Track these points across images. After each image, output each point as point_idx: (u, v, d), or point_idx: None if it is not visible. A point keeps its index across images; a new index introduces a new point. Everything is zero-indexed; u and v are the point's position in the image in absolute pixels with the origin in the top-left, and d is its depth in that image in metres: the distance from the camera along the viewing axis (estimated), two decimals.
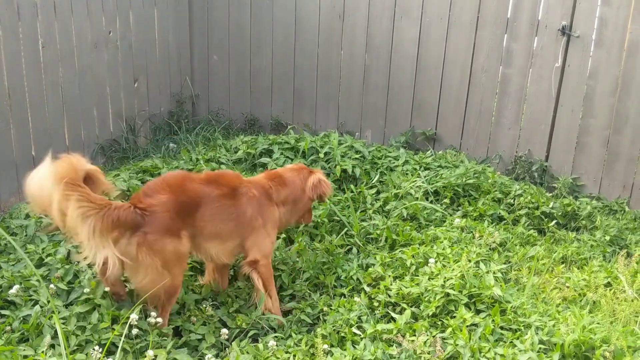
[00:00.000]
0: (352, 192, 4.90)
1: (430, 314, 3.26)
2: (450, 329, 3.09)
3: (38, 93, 4.76)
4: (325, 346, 3.01)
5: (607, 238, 4.47)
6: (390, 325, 3.15)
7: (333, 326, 3.26)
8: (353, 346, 3.07)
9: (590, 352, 2.99)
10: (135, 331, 2.90)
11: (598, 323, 3.22)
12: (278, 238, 4.20)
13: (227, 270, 3.71)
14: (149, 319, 2.99)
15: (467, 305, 3.31)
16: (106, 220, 2.81)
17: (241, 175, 3.53)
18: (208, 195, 3.22)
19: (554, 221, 4.72)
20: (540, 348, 2.98)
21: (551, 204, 4.81)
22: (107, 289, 3.13)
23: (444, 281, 3.43)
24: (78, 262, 3.03)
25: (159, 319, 3.03)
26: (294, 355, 2.99)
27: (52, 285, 3.18)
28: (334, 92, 6.33)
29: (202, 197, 3.20)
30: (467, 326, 3.10)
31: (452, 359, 2.96)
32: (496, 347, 2.97)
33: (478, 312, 3.30)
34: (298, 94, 6.49)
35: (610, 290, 3.71)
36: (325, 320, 3.39)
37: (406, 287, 3.46)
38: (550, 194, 5.23)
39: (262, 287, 3.40)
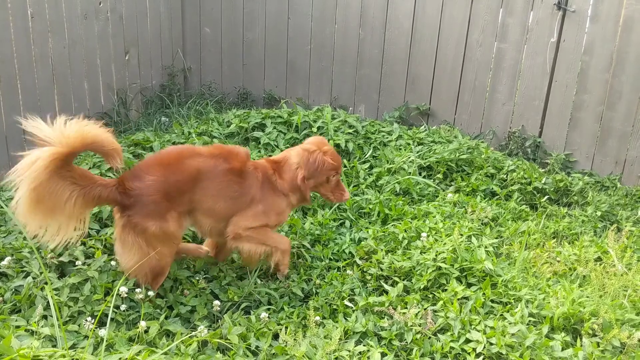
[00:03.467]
0: (345, 166, 4.89)
1: (422, 287, 3.28)
2: (441, 302, 3.11)
3: (28, 64, 4.68)
4: (317, 318, 3.04)
5: (599, 214, 4.50)
6: (382, 298, 3.17)
7: (325, 299, 3.28)
8: (345, 318, 3.09)
9: (579, 324, 3.03)
10: (126, 304, 2.90)
11: (587, 297, 3.26)
12: None
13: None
14: (136, 291, 2.99)
15: (458, 279, 3.34)
16: (87, 197, 2.85)
17: (250, 154, 3.38)
18: (212, 170, 3.13)
19: (546, 197, 4.74)
20: (530, 321, 3.02)
21: (544, 180, 4.82)
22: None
23: (436, 255, 3.45)
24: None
25: (150, 292, 3.04)
26: (286, 327, 3.00)
27: (47, 256, 3.17)
28: (328, 66, 6.28)
29: (204, 172, 3.11)
30: (458, 299, 3.13)
31: (443, 331, 2.99)
32: (486, 319, 3.00)
33: (469, 285, 3.32)
34: (291, 68, 6.43)
35: (600, 264, 3.74)
36: (317, 293, 3.41)
37: (398, 261, 3.47)
38: (543, 170, 5.25)
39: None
